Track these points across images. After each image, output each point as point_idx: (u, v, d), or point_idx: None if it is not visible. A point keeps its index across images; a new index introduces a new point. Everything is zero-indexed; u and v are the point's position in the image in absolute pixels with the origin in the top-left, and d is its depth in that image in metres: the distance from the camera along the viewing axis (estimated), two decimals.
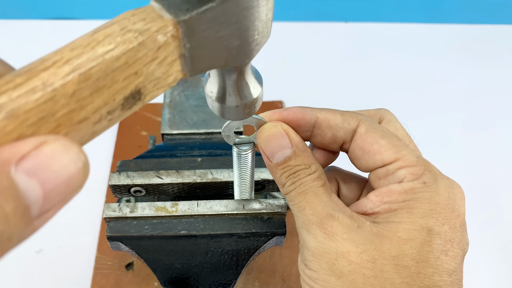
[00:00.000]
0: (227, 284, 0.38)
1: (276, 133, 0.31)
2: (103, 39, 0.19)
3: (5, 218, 0.15)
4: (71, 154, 0.17)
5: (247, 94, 0.27)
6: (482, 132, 0.76)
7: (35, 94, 0.17)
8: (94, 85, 0.18)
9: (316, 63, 0.86)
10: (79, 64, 0.18)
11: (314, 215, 0.28)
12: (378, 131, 0.30)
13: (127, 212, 0.37)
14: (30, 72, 0.17)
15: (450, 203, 0.28)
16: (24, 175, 0.16)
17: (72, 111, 0.18)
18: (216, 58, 0.23)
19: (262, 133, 0.31)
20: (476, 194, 0.68)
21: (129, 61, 0.19)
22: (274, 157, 0.31)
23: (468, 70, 0.86)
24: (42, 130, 0.17)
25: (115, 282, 0.56)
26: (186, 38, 0.21)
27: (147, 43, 0.20)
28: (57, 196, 0.17)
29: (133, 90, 0.20)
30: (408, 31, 0.92)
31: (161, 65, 0.21)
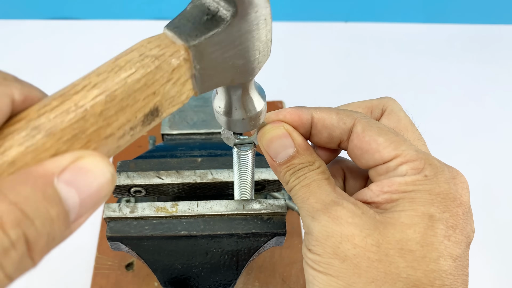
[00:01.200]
0: (227, 284, 0.38)
1: (278, 134, 0.32)
2: (124, 65, 0.22)
3: (51, 221, 0.18)
4: (102, 167, 0.19)
5: (251, 108, 0.29)
6: (483, 132, 0.76)
7: (69, 115, 0.20)
8: (119, 105, 0.21)
9: (316, 63, 0.86)
10: (105, 87, 0.21)
11: (318, 202, 0.29)
12: (375, 128, 0.30)
13: (127, 213, 0.37)
14: (63, 96, 0.20)
15: (451, 193, 0.28)
16: (64, 185, 0.18)
17: (100, 128, 0.21)
18: (223, 77, 0.26)
19: (264, 135, 0.32)
20: (476, 194, 0.68)
21: (148, 82, 0.22)
22: (277, 157, 0.31)
23: (468, 70, 0.86)
24: (75, 145, 0.20)
25: (115, 282, 0.56)
26: (196, 60, 0.24)
27: (163, 66, 0.23)
28: (90, 203, 0.19)
29: (152, 108, 0.23)
30: (408, 31, 0.92)
31: (175, 85, 0.23)
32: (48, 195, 0.18)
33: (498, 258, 0.62)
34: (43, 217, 0.17)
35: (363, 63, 0.86)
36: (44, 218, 0.17)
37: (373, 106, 0.35)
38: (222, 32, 0.24)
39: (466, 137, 0.76)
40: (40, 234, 0.17)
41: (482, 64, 0.87)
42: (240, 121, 0.30)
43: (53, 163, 0.19)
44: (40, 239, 0.17)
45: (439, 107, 0.80)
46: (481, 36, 0.92)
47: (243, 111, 0.29)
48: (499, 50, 0.90)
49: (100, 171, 0.19)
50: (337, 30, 0.92)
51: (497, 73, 0.86)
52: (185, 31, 0.24)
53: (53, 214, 0.18)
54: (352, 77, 0.84)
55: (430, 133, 0.75)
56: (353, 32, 0.92)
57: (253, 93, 0.29)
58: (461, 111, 0.79)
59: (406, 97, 0.81)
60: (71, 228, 0.19)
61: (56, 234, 0.18)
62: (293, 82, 0.81)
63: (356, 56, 0.87)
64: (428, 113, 0.79)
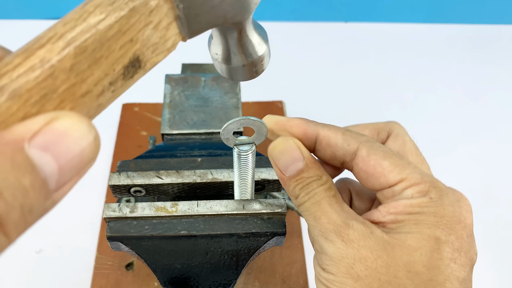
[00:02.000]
0: (227, 284, 0.38)
1: (287, 148, 0.32)
2: (94, 10, 0.19)
3: (24, 191, 0.16)
4: (81, 128, 0.17)
5: (252, 52, 0.27)
6: (483, 132, 0.76)
7: (34, 72, 0.17)
8: (91, 57, 0.18)
9: (316, 63, 0.86)
10: (73, 38, 0.18)
11: (330, 223, 0.29)
12: (380, 152, 0.31)
13: (127, 212, 0.37)
14: (27, 51, 0.18)
15: (455, 215, 0.29)
16: (37, 150, 0.16)
17: (73, 85, 0.18)
18: (214, 16, 0.23)
19: (275, 148, 0.32)
20: (477, 194, 0.68)
21: (123, 28, 0.19)
22: (287, 171, 0.31)
23: (468, 70, 0.86)
24: (47, 107, 0.18)
25: (115, 282, 0.56)
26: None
27: (138, 8, 0.20)
28: (72, 169, 0.17)
29: (132, 58, 0.20)
30: (408, 31, 0.92)
31: (156, 30, 0.21)
32: (17, 163, 0.16)
33: (498, 258, 0.62)
34: (13, 187, 0.16)
35: (363, 63, 0.86)
36: (15, 188, 0.16)
37: (380, 129, 0.36)
38: None
39: (466, 137, 0.76)
40: (12, 206, 0.16)
41: (482, 64, 0.87)
42: (240, 68, 0.27)
43: (22, 127, 0.17)
44: (12, 212, 0.16)
45: (439, 107, 0.80)
46: (481, 36, 0.92)
47: (243, 56, 0.27)
48: (499, 50, 0.90)
49: (79, 133, 0.17)
50: (337, 30, 0.92)
51: (497, 73, 0.86)
52: None
53: (26, 184, 0.16)
54: (352, 77, 0.84)
55: (430, 133, 0.76)
56: (353, 32, 0.92)
57: (253, 35, 0.26)
58: (461, 111, 0.79)
59: (406, 97, 0.81)
60: (54, 197, 0.17)
61: (33, 205, 0.17)
62: (293, 82, 0.81)
63: (356, 56, 0.87)
64: (428, 113, 0.79)
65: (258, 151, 0.43)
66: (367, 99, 0.80)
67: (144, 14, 0.20)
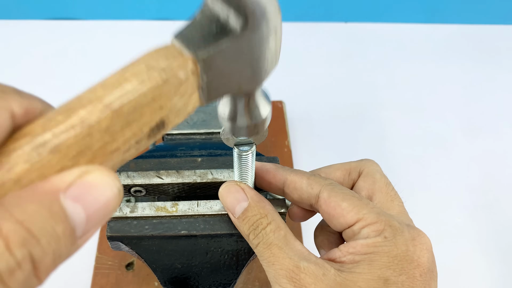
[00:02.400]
0: (227, 284, 0.39)
1: (231, 190, 0.35)
2: (131, 77, 0.21)
3: (57, 239, 0.17)
4: (108, 182, 0.19)
5: (256, 115, 0.29)
6: (482, 132, 0.76)
7: (75, 131, 0.19)
8: (125, 120, 0.20)
9: (316, 63, 0.86)
10: (111, 102, 0.20)
11: (282, 269, 0.31)
12: (339, 194, 0.33)
13: (127, 212, 0.37)
14: (69, 110, 0.19)
15: (408, 254, 0.30)
16: (71, 201, 0.18)
17: (106, 143, 0.20)
18: (230, 87, 0.25)
19: (220, 193, 0.36)
20: (476, 194, 0.68)
21: (155, 97, 0.21)
22: (235, 212, 0.34)
23: (468, 70, 0.86)
24: (81, 161, 0.19)
25: (115, 282, 0.56)
26: (204, 73, 0.23)
27: (170, 80, 0.22)
28: (97, 218, 0.19)
29: (158, 122, 0.22)
30: (408, 31, 0.92)
31: (182, 98, 0.23)
32: (54, 212, 0.17)
33: (498, 258, 0.63)
34: (49, 235, 0.17)
35: (363, 63, 0.86)
36: (50, 236, 0.17)
37: (351, 168, 0.37)
38: (231, 44, 0.23)
39: (466, 137, 0.76)
40: (46, 253, 0.17)
41: (482, 64, 0.87)
42: (244, 128, 0.30)
43: (59, 179, 0.18)
44: (46, 258, 0.17)
45: (439, 107, 0.80)
46: (481, 36, 0.92)
47: (248, 118, 0.29)
48: (499, 50, 0.90)
49: (106, 186, 0.19)
50: (337, 30, 0.92)
51: (497, 73, 0.86)
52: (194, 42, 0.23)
53: (59, 232, 0.17)
54: (352, 77, 0.84)
55: (430, 133, 0.76)
56: (353, 32, 0.92)
57: (259, 100, 0.29)
58: (461, 111, 0.79)
59: (406, 97, 0.81)
60: (78, 243, 0.19)
61: (62, 251, 0.18)
62: (293, 82, 0.81)
63: (356, 56, 0.87)
64: (428, 113, 0.79)
65: (258, 151, 0.43)
66: (367, 99, 0.80)
67: (175, 85, 0.22)
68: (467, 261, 0.62)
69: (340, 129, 0.75)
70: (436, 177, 0.70)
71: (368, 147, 0.73)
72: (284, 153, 0.69)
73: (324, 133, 0.75)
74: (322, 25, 0.93)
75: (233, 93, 0.27)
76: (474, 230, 0.64)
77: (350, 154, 0.72)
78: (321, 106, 0.78)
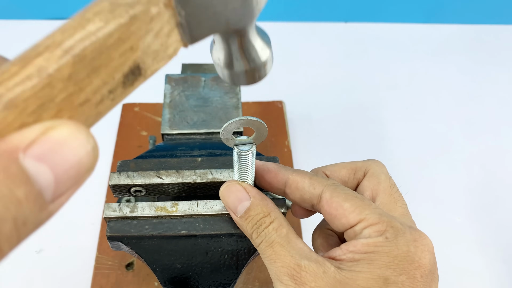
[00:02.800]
0: (227, 284, 0.39)
1: (232, 189, 0.35)
2: (93, 17, 0.18)
3: (17, 203, 0.15)
4: (79, 138, 0.17)
5: (254, 57, 0.26)
6: (482, 132, 0.76)
7: (31, 81, 0.17)
8: (90, 66, 0.18)
9: (316, 63, 0.86)
10: (71, 46, 0.18)
11: (284, 267, 0.31)
12: (342, 194, 0.33)
13: (127, 212, 0.37)
14: (24, 59, 0.17)
15: (409, 255, 0.30)
16: (33, 161, 0.16)
17: (71, 94, 0.18)
18: (216, 22, 0.22)
19: (222, 192, 0.35)
20: (476, 194, 0.68)
21: (123, 36, 0.19)
22: (237, 211, 0.34)
23: (468, 70, 0.86)
24: (44, 116, 0.17)
25: (115, 282, 0.56)
26: (180, 5, 0.20)
27: (139, 16, 0.19)
28: (69, 180, 0.17)
29: (132, 66, 0.20)
30: (408, 31, 0.92)
31: (157, 37, 0.20)
32: (11, 173, 0.15)
33: (498, 258, 0.63)
34: (6, 199, 0.15)
35: (363, 63, 0.86)
36: (7, 200, 0.15)
37: (357, 168, 0.37)
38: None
39: (465, 136, 0.76)
40: (4, 219, 0.15)
41: (482, 64, 0.87)
42: (243, 73, 0.27)
43: (17, 137, 0.16)
44: (4, 225, 0.15)
45: (439, 107, 0.80)
46: (481, 36, 0.92)
47: (245, 62, 0.26)
48: (499, 50, 0.90)
49: (77, 142, 0.17)
50: (337, 30, 0.92)
51: (497, 73, 0.86)
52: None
53: (19, 195, 0.15)
54: (352, 77, 0.84)
55: (430, 133, 0.76)
56: (353, 32, 0.92)
57: (256, 40, 0.26)
58: (461, 111, 0.79)
59: (406, 97, 0.81)
60: (49, 209, 0.17)
61: (28, 217, 0.16)
62: (293, 82, 0.82)
63: (356, 56, 0.87)
64: (428, 113, 0.79)
65: (258, 151, 0.43)
66: (367, 99, 0.80)
67: (144, 21, 0.19)
68: (467, 261, 0.62)
69: (340, 129, 0.75)
70: (436, 177, 0.70)
71: (368, 147, 0.73)
72: (284, 153, 0.69)
73: (324, 133, 0.75)
74: (322, 25, 0.93)
75: (222, 31, 0.24)
76: (474, 230, 0.64)
77: (350, 154, 0.72)
78: (321, 106, 0.78)
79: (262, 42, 0.26)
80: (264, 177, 0.36)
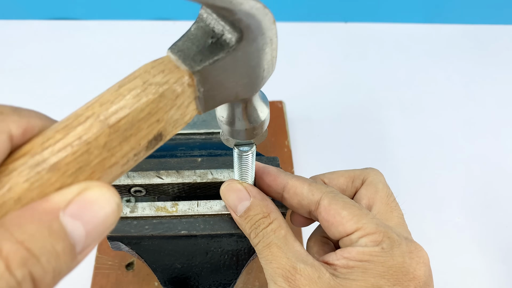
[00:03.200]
0: (227, 284, 0.39)
1: (234, 188, 0.35)
2: (127, 94, 0.21)
3: (57, 257, 0.18)
4: (107, 197, 0.19)
5: (255, 118, 0.29)
6: (482, 132, 0.76)
7: (73, 148, 0.19)
8: (123, 135, 0.21)
9: (316, 63, 0.86)
10: (108, 118, 0.20)
11: (279, 268, 0.31)
12: (340, 202, 0.33)
13: (127, 212, 0.37)
14: (67, 128, 0.20)
15: (404, 266, 0.30)
16: (70, 219, 0.18)
17: (104, 159, 0.20)
18: (227, 95, 0.25)
19: (222, 191, 0.36)
20: (476, 194, 0.68)
21: (152, 111, 0.22)
22: (237, 210, 0.34)
23: (468, 70, 0.86)
24: (80, 178, 0.20)
25: (115, 282, 0.56)
26: (200, 85, 0.23)
27: (166, 94, 0.22)
28: (96, 234, 0.19)
29: (156, 134, 0.22)
30: (408, 31, 0.92)
31: (179, 110, 0.23)
32: (54, 230, 0.18)
33: (498, 258, 0.63)
34: (49, 253, 0.17)
35: (363, 63, 0.86)
36: (50, 254, 0.17)
37: (355, 176, 0.37)
38: (227, 57, 0.23)
39: (465, 137, 0.76)
40: (46, 271, 0.17)
41: (482, 64, 0.87)
42: (243, 131, 0.30)
43: (58, 197, 0.19)
44: (47, 276, 0.17)
45: (439, 107, 0.80)
46: (481, 36, 0.92)
47: (247, 122, 0.29)
48: (499, 50, 0.90)
49: (105, 201, 0.19)
50: (337, 30, 0.92)
51: (497, 73, 0.86)
52: (189, 55, 0.23)
53: (59, 249, 0.18)
54: (352, 77, 0.84)
55: (430, 133, 0.76)
56: (353, 32, 0.92)
57: (257, 104, 0.29)
58: (461, 111, 0.79)
59: (406, 97, 0.81)
60: (78, 259, 0.19)
61: (63, 267, 0.18)
62: (293, 82, 0.82)
63: (356, 56, 0.87)
64: (428, 113, 0.79)
65: (258, 151, 0.43)
66: (367, 99, 0.80)
67: (171, 98, 0.22)
68: (467, 261, 0.62)
69: (340, 129, 0.75)
70: (436, 177, 0.70)
71: (368, 147, 0.73)
72: (284, 153, 0.69)
73: (324, 133, 0.75)
74: (322, 25, 0.93)
75: (231, 101, 0.27)
76: (474, 230, 0.64)
77: (350, 154, 0.72)
78: (321, 106, 0.78)
79: (262, 104, 0.29)
80: (263, 179, 0.36)
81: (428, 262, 0.31)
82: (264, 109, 0.29)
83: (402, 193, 0.36)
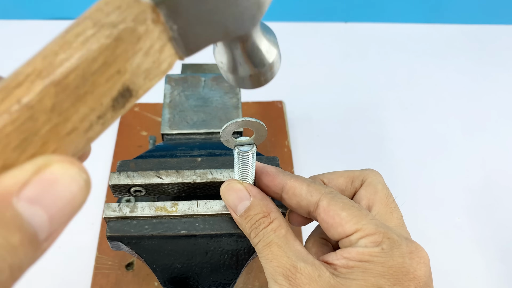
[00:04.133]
0: (227, 284, 0.39)
1: (234, 188, 0.35)
2: (75, 40, 0.17)
3: (13, 250, 0.15)
4: (72, 175, 0.16)
5: (260, 60, 0.24)
6: (482, 132, 0.76)
7: (12, 116, 0.16)
8: (74, 94, 0.17)
9: (316, 63, 0.86)
10: (53, 75, 0.16)
11: (280, 267, 0.31)
12: (339, 203, 0.33)
13: (127, 212, 0.37)
14: (3, 91, 0.16)
15: (404, 266, 0.30)
16: (27, 204, 0.15)
17: (56, 125, 0.17)
18: (213, 33, 0.20)
19: (222, 190, 0.35)
20: (476, 194, 0.68)
21: (108, 60, 0.17)
22: (237, 210, 0.34)
23: (468, 70, 0.86)
24: (28, 151, 0.16)
25: (115, 282, 0.56)
26: (172, 21, 0.19)
27: (124, 37, 0.18)
28: (62, 217, 0.16)
29: (121, 89, 0.18)
30: (408, 31, 0.92)
31: (147, 55, 0.19)
32: (6, 220, 0.15)
33: (498, 258, 0.63)
34: (2, 248, 0.14)
35: (363, 63, 0.86)
36: (3, 249, 0.14)
37: (355, 177, 0.37)
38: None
39: (466, 136, 0.76)
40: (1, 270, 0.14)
41: (482, 64, 0.87)
42: (247, 78, 0.25)
43: (8, 179, 0.15)
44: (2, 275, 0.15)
45: (439, 107, 0.80)
46: (481, 36, 0.92)
47: (251, 66, 0.24)
48: (499, 50, 0.90)
49: (69, 179, 0.16)
50: (337, 30, 0.92)
51: (497, 73, 0.86)
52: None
53: (15, 242, 0.15)
54: (352, 77, 0.84)
55: (430, 132, 0.76)
56: (353, 32, 0.92)
57: (261, 42, 0.23)
58: (461, 111, 0.79)
59: (406, 97, 0.81)
60: (43, 247, 0.16)
61: (23, 261, 0.15)
62: (293, 82, 0.82)
63: (356, 56, 0.87)
64: (428, 113, 0.79)
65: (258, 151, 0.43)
66: (367, 99, 0.80)
67: (131, 42, 0.18)
68: (467, 261, 0.62)
69: (340, 129, 0.75)
70: (436, 177, 0.70)
71: (368, 147, 0.73)
72: (284, 153, 0.69)
73: (324, 133, 0.75)
74: (322, 25, 0.93)
75: (221, 40, 0.21)
76: (474, 230, 0.64)
77: (350, 154, 0.72)
78: (321, 106, 0.78)
79: (268, 43, 0.24)
80: (262, 179, 0.36)
81: (428, 262, 0.31)
82: (271, 48, 0.24)
83: (402, 193, 0.36)
